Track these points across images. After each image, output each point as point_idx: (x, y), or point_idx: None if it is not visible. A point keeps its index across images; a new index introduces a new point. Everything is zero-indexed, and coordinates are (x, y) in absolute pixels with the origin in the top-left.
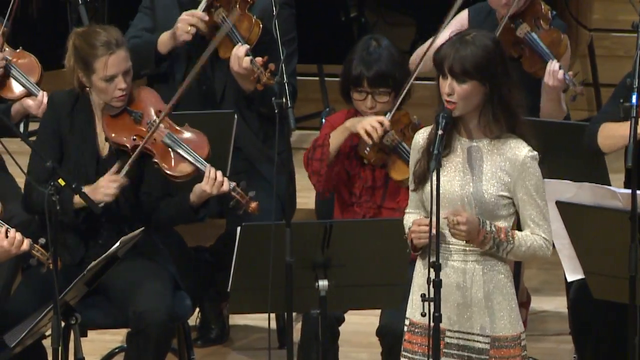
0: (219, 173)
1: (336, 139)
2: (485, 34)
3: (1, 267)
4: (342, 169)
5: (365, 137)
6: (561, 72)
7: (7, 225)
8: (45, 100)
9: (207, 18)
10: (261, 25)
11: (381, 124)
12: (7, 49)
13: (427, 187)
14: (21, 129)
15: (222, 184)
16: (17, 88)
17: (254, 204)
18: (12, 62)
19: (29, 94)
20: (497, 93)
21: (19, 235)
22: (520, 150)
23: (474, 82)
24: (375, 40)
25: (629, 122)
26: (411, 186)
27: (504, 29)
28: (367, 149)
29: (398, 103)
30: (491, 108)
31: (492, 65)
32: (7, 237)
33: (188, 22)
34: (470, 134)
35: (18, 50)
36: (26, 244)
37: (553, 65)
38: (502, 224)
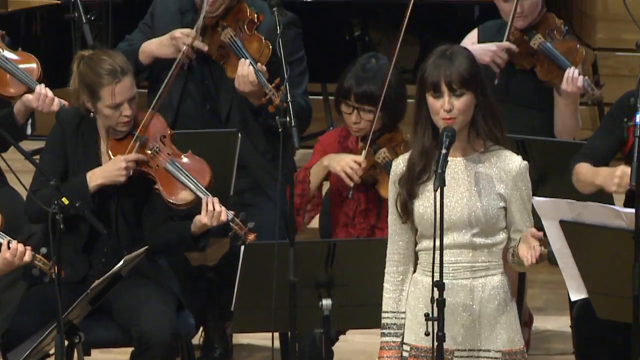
0: (217, 204)
1: (315, 176)
2: (457, 46)
3: (15, 287)
4: (336, 190)
5: (347, 180)
6: (580, 78)
7: (8, 238)
8: (44, 91)
9: (206, 47)
10: (271, 47)
11: (359, 164)
12: (3, 50)
13: (419, 212)
14: (29, 130)
15: (220, 215)
16: (14, 84)
17: (252, 236)
18: (9, 59)
19: (27, 89)
20: (486, 102)
21: (20, 247)
22: (514, 161)
23: (469, 93)
24: (375, 59)
25: (599, 170)
26: (397, 220)
27: (516, 40)
28: (351, 192)
29: (370, 135)
30: (482, 119)
31: (479, 74)
32: (9, 248)
33: (183, 41)
34: (457, 152)
35: (17, 51)
36: (28, 254)
37: (572, 71)
38: (501, 234)
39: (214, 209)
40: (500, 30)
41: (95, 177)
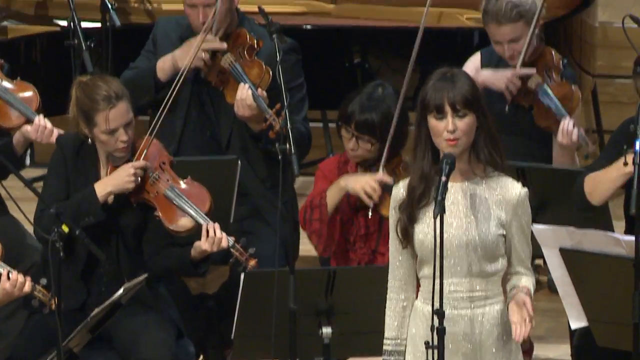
0: (218, 230)
1: (332, 198)
2: (457, 68)
3: (15, 317)
4: (335, 216)
5: (366, 200)
6: (575, 131)
7: (9, 268)
8: (43, 123)
9: (224, 45)
10: (271, 73)
11: (377, 181)
12: (2, 80)
13: (419, 237)
14: (27, 161)
15: (221, 241)
16: (14, 115)
17: (252, 261)
18: (7, 90)
19: (26, 120)
20: (487, 124)
21: (20, 277)
22: (515, 188)
23: (472, 115)
24: (382, 88)
25: (612, 166)
26: (398, 246)
27: None
28: (370, 212)
29: (385, 153)
30: (482, 141)
31: (480, 95)
32: (9, 279)
33: (203, 47)
34: (457, 176)
35: (15, 81)
36: (28, 285)
37: (567, 124)
38: (500, 262)
39: (214, 235)
40: (501, 61)
41: (104, 186)
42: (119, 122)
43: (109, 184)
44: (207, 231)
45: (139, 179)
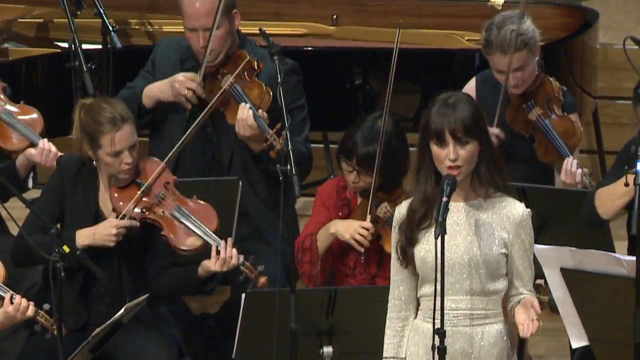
0: (229, 248)
1: (322, 242)
2: (459, 93)
3: (15, 337)
4: (335, 241)
5: (357, 247)
6: (579, 172)
7: (11, 292)
8: (47, 146)
9: (202, 90)
10: (271, 93)
11: (367, 229)
12: (6, 103)
13: (420, 256)
14: (30, 184)
15: (232, 260)
16: (17, 138)
17: (263, 279)
18: (11, 113)
19: (30, 144)
20: (489, 148)
21: (24, 302)
22: (517, 208)
23: (474, 142)
24: (382, 120)
25: (622, 180)
26: (399, 266)
27: (515, 107)
28: (362, 257)
29: (372, 190)
30: (485, 165)
31: (482, 121)
32: (12, 302)
33: (186, 85)
34: (459, 197)
35: (19, 104)
36: (31, 309)
37: (570, 164)
38: (501, 282)
39: (225, 255)
40: (496, 87)
41: (83, 237)
42: (124, 144)
43: (90, 237)
44: (217, 252)
45: (121, 236)
